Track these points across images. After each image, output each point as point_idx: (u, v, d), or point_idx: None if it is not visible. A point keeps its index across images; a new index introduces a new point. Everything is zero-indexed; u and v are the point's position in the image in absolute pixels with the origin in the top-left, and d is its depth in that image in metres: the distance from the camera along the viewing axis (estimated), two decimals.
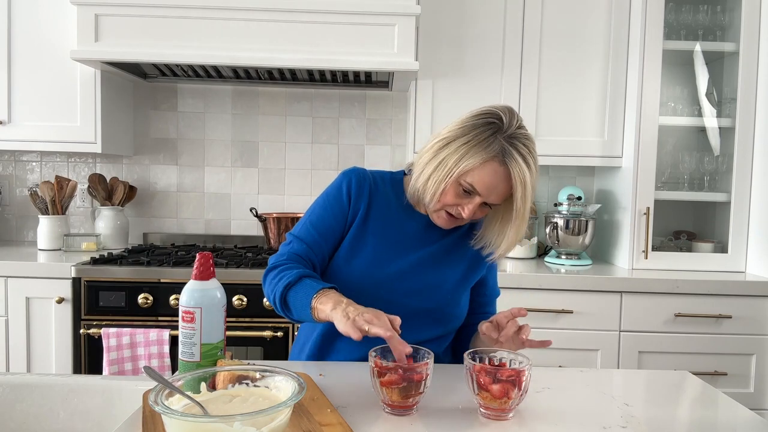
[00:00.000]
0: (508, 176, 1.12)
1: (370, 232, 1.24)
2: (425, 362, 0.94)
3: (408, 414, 0.94)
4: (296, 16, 2.13)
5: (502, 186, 1.13)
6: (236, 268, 2.11)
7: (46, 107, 2.32)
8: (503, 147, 1.11)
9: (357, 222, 1.24)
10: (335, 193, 1.26)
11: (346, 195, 1.24)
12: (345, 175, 1.27)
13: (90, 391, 1.04)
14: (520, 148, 1.12)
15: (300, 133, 2.73)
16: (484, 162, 1.12)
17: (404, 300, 1.20)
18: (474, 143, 1.12)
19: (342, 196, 1.24)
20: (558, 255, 2.46)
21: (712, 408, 1.04)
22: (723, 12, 2.35)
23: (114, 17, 2.12)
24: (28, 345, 2.10)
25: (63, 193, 2.47)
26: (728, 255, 2.30)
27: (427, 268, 1.24)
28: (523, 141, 1.13)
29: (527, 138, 1.15)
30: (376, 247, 1.23)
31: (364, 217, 1.24)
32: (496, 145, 1.11)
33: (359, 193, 1.24)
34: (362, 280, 1.20)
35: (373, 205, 1.25)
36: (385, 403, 0.94)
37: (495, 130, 1.13)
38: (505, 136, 1.12)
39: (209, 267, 1.01)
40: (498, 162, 1.12)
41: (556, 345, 2.11)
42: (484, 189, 1.13)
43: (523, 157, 1.12)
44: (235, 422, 0.70)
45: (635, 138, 2.28)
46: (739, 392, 2.12)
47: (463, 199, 1.16)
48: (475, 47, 2.36)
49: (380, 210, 1.25)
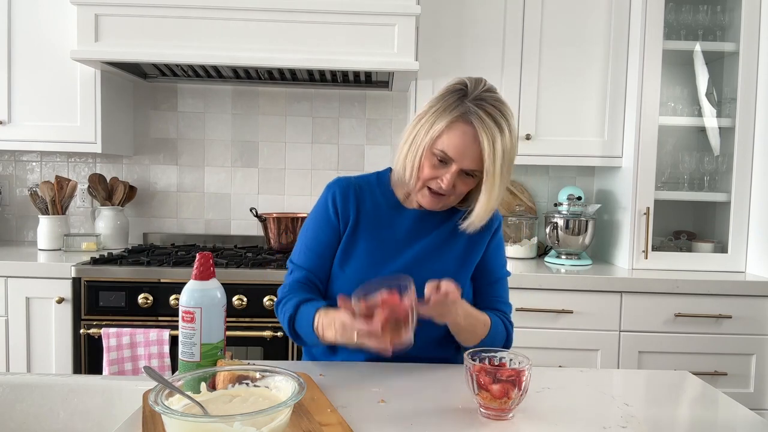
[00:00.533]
0: (476, 136, 1.12)
1: (361, 236, 1.25)
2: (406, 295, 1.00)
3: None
4: (296, 16, 2.13)
5: (473, 147, 1.12)
6: (236, 268, 2.11)
7: (46, 107, 2.32)
8: (468, 107, 1.12)
9: (348, 230, 1.25)
10: (322, 210, 1.28)
11: (333, 209, 1.26)
12: (328, 189, 1.29)
13: (90, 391, 1.04)
14: (487, 108, 1.12)
15: (300, 133, 2.73)
16: (450, 124, 1.12)
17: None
18: (441, 110, 1.14)
19: (329, 211, 1.27)
20: (558, 255, 2.46)
21: (712, 408, 1.04)
22: (723, 12, 2.35)
23: (114, 17, 2.12)
24: (28, 345, 2.10)
25: (63, 193, 2.47)
26: (728, 255, 2.30)
27: (423, 262, 1.24)
28: (491, 102, 1.13)
29: (496, 100, 1.15)
30: (369, 250, 1.23)
31: (354, 224, 1.25)
32: (462, 107, 1.12)
33: (345, 204, 1.26)
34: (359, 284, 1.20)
35: (361, 210, 1.26)
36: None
37: (461, 95, 1.14)
38: (470, 98, 1.13)
39: (209, 267, 1.01)
40: (464, 122, 1.12)
41: (556, 345, 2.13)
42: (456, 153, 1.13)
43: (491, 116, 1.12)
44: (235, 422, 0.70)
45: (635, 138, 2.28)
46: (739, 392, 2.11)
47: (440, 170, 1.16)
48: (475, 47, 2.36)
49: (369, 214, 1.26)
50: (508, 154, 1.14)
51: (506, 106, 1.16)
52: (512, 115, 1.17)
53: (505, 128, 1.13)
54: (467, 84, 1.16)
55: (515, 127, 1.17)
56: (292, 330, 1.21)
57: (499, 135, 1.11)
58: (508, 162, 1.15)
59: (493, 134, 1.11)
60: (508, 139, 1.13)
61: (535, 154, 2.39)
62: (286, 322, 1.21)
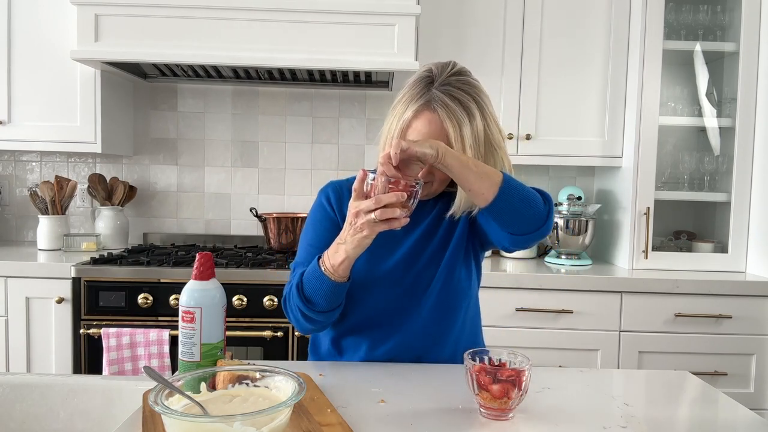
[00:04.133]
0: (442, 123, 1.10)
1: None
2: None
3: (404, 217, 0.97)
4: (296, 16, 2.13)
5: (441, 135, 1.10)
6: (236, 268, 2.11)
7: (46, 107, 2.32)
8: (433, 95, 1.11)
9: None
10: (319, 209, 1.27)
11: (328, 205, 1.26)
12: (322, 191, 1.29)
13: (90, 391, 1.04)
14: (453, 92, 1.10)
15: (300, 133, 2.73)
16: (416, 113, 1.12)
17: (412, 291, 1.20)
18: (408, 99, 1.13)
19: (325, 208, 1.26)
20: (558, 255, 2.46)
21: (712, 408, 1.04)
22: (723, 12, 2.35)
23: (114, 17, 2.12)
24: (28, 345, 2.10)
25: (63, 193, 2.47)
26: (728, 255, 2.30)
27: (420, 250, 1.22)
28: (457, 86, 1.11)
29: (464, 83, 1.12)
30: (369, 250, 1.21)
31: None
32: (427, 95, 1.11)
33: (339, 201, 1.25)
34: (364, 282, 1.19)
35: None
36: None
37: (427, 82, 1.12)
38: (436, 85, 1.11)
39: (209, 267, 1.01)
40: (429, 110, 1.11)
41: (556, 345, 2.13)
42: None
43: (457, 100, 1.09)
44: (235, 422, 0.70)
45: (635, 138, 2.28)
46: (739, 392, 2.12)
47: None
48: (475, 47, 2.36)
49: None
50: (480, 136, 1.11)
51: (475, 88, 1.13)
52: (484, 96, 1.13)
53: (474, 111, 1.10)
54: (433, 70, 1.14)
55: (488, 107, 1.13)
56: (303, 297, 1.11)
57: (466, 119, 1.09)
58: (481, 144, 1.11)
59: (458, 119, 1.09)
60: (479, 121, 1.10)
61: (535, 154, 2.39)
62: (296, 295, 1.12)
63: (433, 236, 1.24)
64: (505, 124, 2.38)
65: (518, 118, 2.38)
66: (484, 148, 1.11)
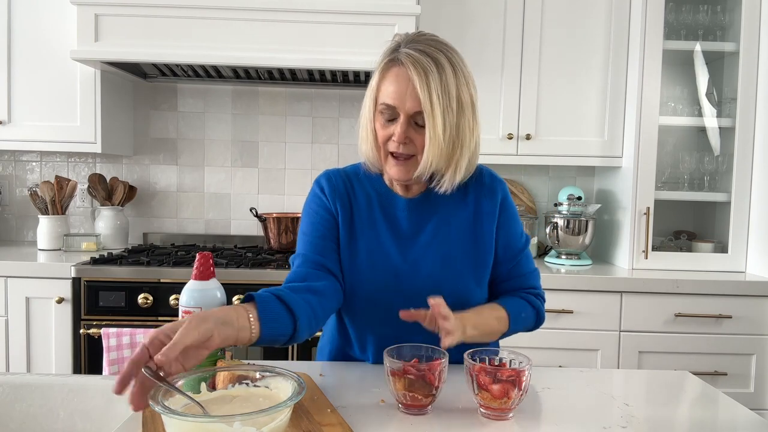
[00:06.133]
0: (409, 75, 1.05)
1: (360, 237, 1.19)
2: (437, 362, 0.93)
3: (423, 414, 0.94)
4: (296, 16, 2.13)
5: (410, 88, 1.05)
6: (236, 268, 2.11)
7: (46, 107, 2.32)
8: (400, 52, 1.08)
9: (344, 220, 1.20)
10: (314, 198, 1.24)
11: (322, 194, 1.22)
12: (316, 181, 1.26)
13: (90, 391, 1.04)
14: (419, 46, 1.07)
15: (300, 133, 2.73)
16: (383, 72, 1.09)
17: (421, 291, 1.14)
18: (377, 68, 1.11)
19: (320, 197, 1.22)
20: (558, 255, 2.46)
21: (712, 408, 1.04)
22: (723, 12, 2.35)
23: (114, 17, 2.12)
24: (28, 345, 2.10)
25: (63, 193, 2.47)
26: (728, 255, 2.30)
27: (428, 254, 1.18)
28: (425, 42, 1.08)
29: (432, 39, 1.10)
30: (370, 250, 1.18)
31: (349, 217, 1.20)
32: (393, 54, 1.09)
33: (334, 191, 1.22)
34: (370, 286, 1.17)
35: (353, 206, 1.21)
36: (399, 402, 0.95)
37: (396, 46, 1.10)
38: (404, 44, 1.09)
39: (209, 267, 1.01)
40: (397, 65, 1.08)
41: (556, 345, 2.13)
42: (395, 98, 1.07)
43: (423, 52, 1.06)
44: (235, 422, 0.70)
45: (635, 138, 2.28)
46: (739, 392, 2.12)
47: (390, 127, 1.10)
48: (475, 47, 2.36)
49: (361, 210, 1.21)
50: (451, 91, 1.05)
51: (446, 45, 1.09)
52: (457, 55, 1.09)
53: (444, 63, 1.05)
54: (402, 36, 1.12)
55: (459, 62, 1.09)
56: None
57: (433, 66, 1.04)
58: (452, 99, 1.06)
59: (425, 67, 1.04)
60: (449, 74, 1.05)
61: (535, 154, 2.39)
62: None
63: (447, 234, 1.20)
64: (505, 124, 2.38)
65: (518, 118, 2.38)
66: (455, 105, 1.06)
